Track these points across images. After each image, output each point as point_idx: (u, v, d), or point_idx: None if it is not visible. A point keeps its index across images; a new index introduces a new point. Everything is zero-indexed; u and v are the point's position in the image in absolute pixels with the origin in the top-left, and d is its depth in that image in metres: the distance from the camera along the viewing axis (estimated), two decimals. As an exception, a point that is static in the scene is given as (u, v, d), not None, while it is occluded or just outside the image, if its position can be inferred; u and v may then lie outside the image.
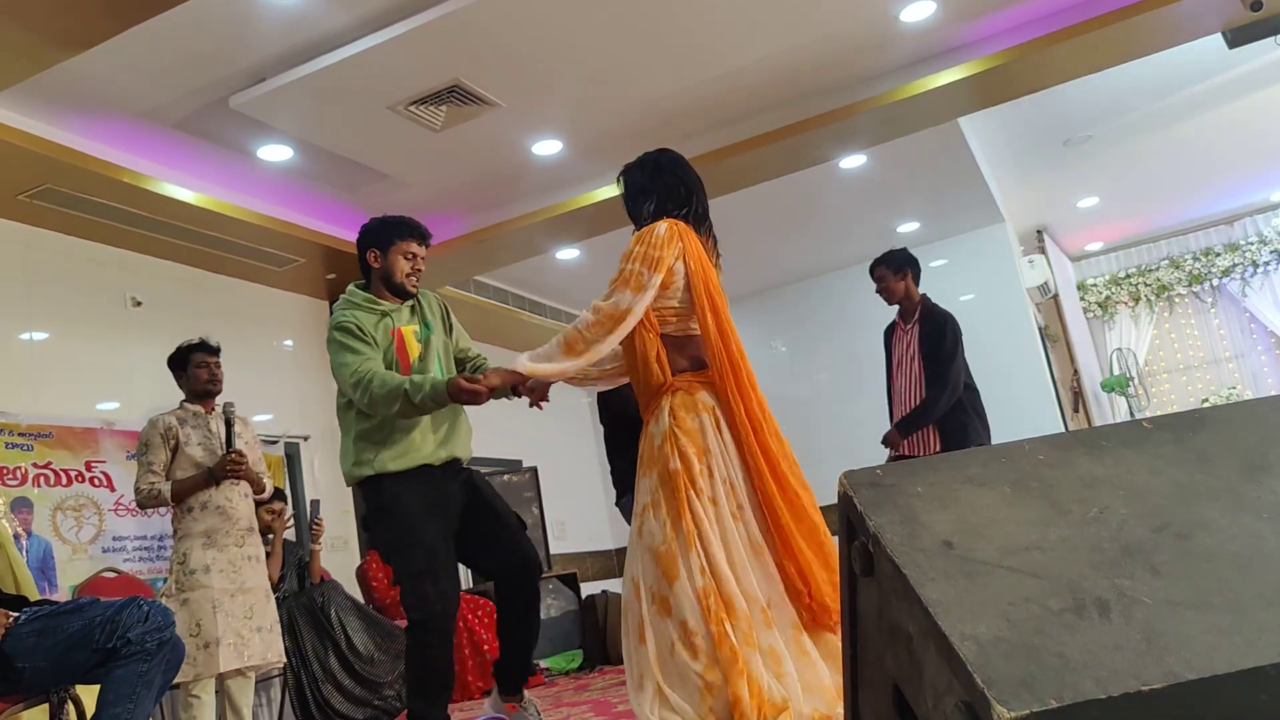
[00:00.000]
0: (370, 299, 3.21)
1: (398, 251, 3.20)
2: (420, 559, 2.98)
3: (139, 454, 3.92)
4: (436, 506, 3.04)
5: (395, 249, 3.20)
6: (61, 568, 4.89)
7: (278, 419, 6.56)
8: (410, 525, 3.00)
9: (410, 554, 3.00)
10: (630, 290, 2.60)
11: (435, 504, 3.04)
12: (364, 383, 2.95)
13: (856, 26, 5.20)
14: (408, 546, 3.01)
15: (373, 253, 3.24)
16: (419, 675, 3.02)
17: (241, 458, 3.90)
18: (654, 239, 2.66)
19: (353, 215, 6.55)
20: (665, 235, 2.67)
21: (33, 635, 2.46)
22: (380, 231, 3.24)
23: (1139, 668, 0.90)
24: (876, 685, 1.25)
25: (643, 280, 2.61)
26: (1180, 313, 10.70)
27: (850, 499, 1.20)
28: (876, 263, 4.90)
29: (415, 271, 3.23)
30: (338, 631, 5.15)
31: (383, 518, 3.07)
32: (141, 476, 3.87)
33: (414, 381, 2.89)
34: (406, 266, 3.20)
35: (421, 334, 3.20)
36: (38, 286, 5.35)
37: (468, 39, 4.69)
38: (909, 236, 8.61)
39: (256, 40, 4.58)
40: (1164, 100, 7.20)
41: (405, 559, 3.01)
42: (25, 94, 4.52)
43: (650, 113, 5.69)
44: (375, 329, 3.10)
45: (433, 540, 2.99)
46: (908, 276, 4.84)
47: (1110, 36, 5.32)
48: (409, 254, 3.21)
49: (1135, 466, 1.16)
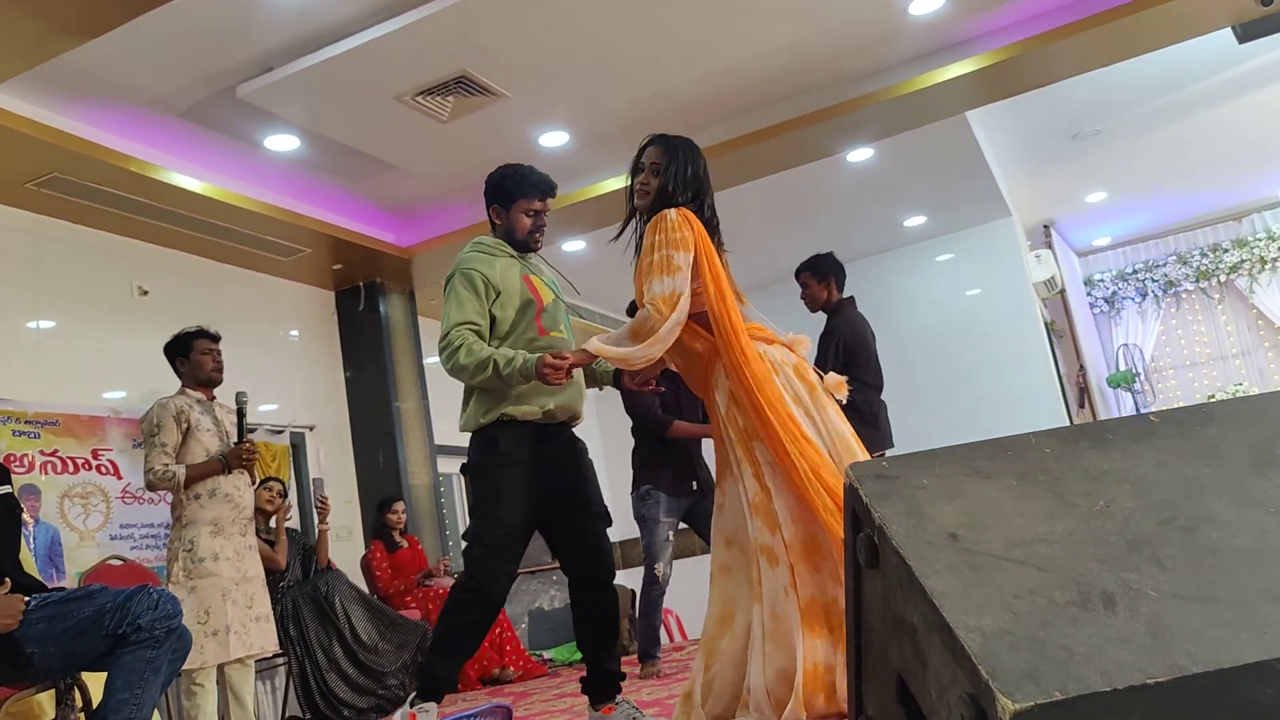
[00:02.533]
0: (499, 243, 3.08)
1: (519, 210, 3.07)
2: (497, 534, 2.91)
3: (148, 434, 3.84)
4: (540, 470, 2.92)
5: (517, 206, 3.08)
6: (69, 554, 4.91)
7: (283, 409, 6.57)
8: (498, 489, 2.92)
9: (490, 523, 2.93)
10: (667, 275, 2.64)
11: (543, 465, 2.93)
12: (455, 343, 2.85)
13: (865, 19, 5.18)
14: (490, 514, 2.94)
15: (494, 208, 3.12)
16: (447, 634, 2.94)
17: (255, 447, 3.90)
18: (669, 224, 2.71)
19: (359, 205, 6.56)
20: (678, 219, 2.72)
21: (43, 621, 2.47)
22: (501, 187, 3.10)
23: (1144, 661, 0.90)
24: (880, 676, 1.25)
25: (675, 262, 2.65)
26: (1187, 309, 10.67)
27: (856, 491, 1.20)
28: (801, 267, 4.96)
29: (539, 228, 3.10)
30: (342, 620, 5.16)
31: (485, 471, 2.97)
32: (154, 457, 3.78)
33: (505, 355, 2.80)
34: (528, 223, 3.08)
35: (551, 287, 3.11)
36: (45, 275, 5.36)
37: (475, 30, 4.68)
38: (916, 230, 8.60)
39: (264, 30, 4.57)
40: (1173, 95, 7.17)
41: (485, 526, 2.95)
42: (33, 82, 4.53)
43: (657, 105, 5.68)
44: (502, 275, 2.97)
45: (513, 517, 2.90)
46: (831, 284, 4.90)
47: (1120, 30, 5.29)
48: (530, 211, 3.08)
49: (1142, 460, 1.16)
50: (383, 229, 6.83)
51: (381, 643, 5.24)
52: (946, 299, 8.73)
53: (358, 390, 7.21)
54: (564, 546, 3.10)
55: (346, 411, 7.19)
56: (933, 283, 8.81)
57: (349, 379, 7.25)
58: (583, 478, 3.07)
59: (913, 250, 8.85)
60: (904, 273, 8.77)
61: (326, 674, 5.02)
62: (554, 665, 6.54)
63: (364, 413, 7.16)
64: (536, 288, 3.02)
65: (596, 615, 3.05)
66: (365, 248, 6.65)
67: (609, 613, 3.06)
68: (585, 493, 3.05)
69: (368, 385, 7.18)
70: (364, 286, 7.23)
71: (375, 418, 7.10)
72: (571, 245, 7.57)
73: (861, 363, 4.77)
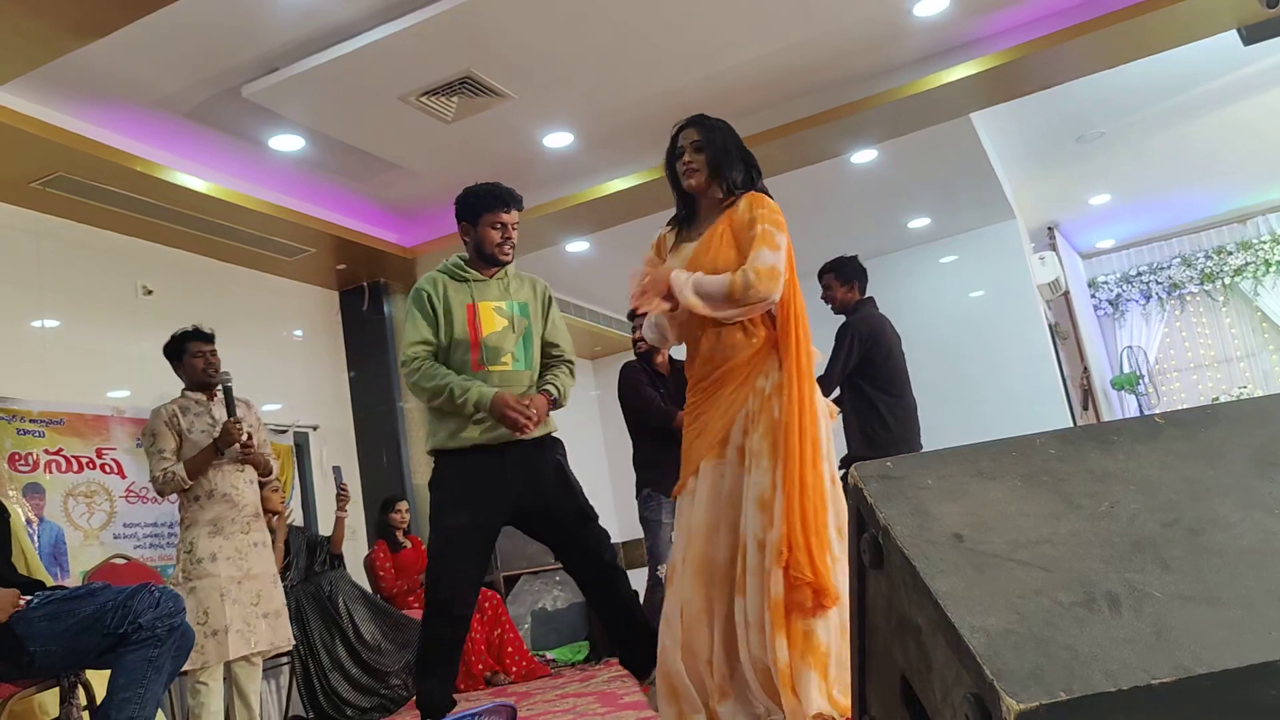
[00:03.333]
0: (459, 265, 3.24)
1: (486, 223, 3.21)
2: (438, 543, 3.08)
3: (147, 445, 3.96)
4: (475, 492, 3.07)
5: (483, 220, 3.21)
6: (73, 553, 4.92)
7: (287, 409, 6.58)
8: (440, 508, 3.11)
9: (434, 535, 3.12)
10: (772, 249, 2.65)
11: (476, 489, 3.07)
12: (412, 366, 3.08)
13: (869, 20, 5.18)
14: (433, 528, 3.13)
15: (463, 226, 3.27)
16: (421, 653, 3.13)
17: (239, 424, 3.91)
18: (771, 205, 2.74)
19: (364, 205, 6.57)
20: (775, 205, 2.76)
21: (45, 619, 2.48)
22: (466, 205, 3.25)
23: (1149, 661, 0.90)
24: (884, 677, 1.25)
25: (777, 240, 2.67)
26: (1192, 311, 10.65)
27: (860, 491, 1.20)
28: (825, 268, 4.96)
29: (506, 239, 3.23)
30: (345, 620, 5.17)
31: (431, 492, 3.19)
32: (155, 464, 3.90)
33: (461, 386, 2.99)
34: (496, 236, 3.21)
35: (508, 311, 3.20)
36: (49, 274, 5.37)
37: (480, 30, 4.69)
38: (920, 232, 8.59)
39: (269, 30, 4.58)
40: (1178, 97, 7.16)
41: (431, 538, 3.15)
42: (38, 81, 4.54)
43: (661, 105, 5.68)
44: (447, 297, 3.14)
45: (453, 527, 3.05)
46: (854, 286, 4.94)
47: (1124, 32, 5.29)
48: (497, 224, 3.21)
49: (1147, 461, 1.16)
50: (387, 229, 6.84)
51: (385, 642, 5.25)
52: (950, 301, 8.73)
53: (362, 390, 7.22)
54: (557, 550, 3.27)
55: (350, 411, 7.20)
56: (936, 284, 8.81)
57: (353, 379, 7.26)
58: (547, 484, 3.17)
59: (916, 252, 8.84)
60: (908, 274, 8.76)
61: (330, 673, 5.03)
62: (556, 666, 6.54)
63: (368, 413, 7.17)
64: (480, 318, 3.13)
65: (610, 603, 3.17)
66: (369, 248, 6.66)
67: (621, 599, 3.17)
68: (555, 497, 3.17)
69: (372, 385, 7.19)
70: (368, 287, 7.25)
71: (379, 418, 7.12)
72: (575, 246, 7.58)
73: (879, 360, 4.72)
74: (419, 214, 6.78)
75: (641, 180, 6.28)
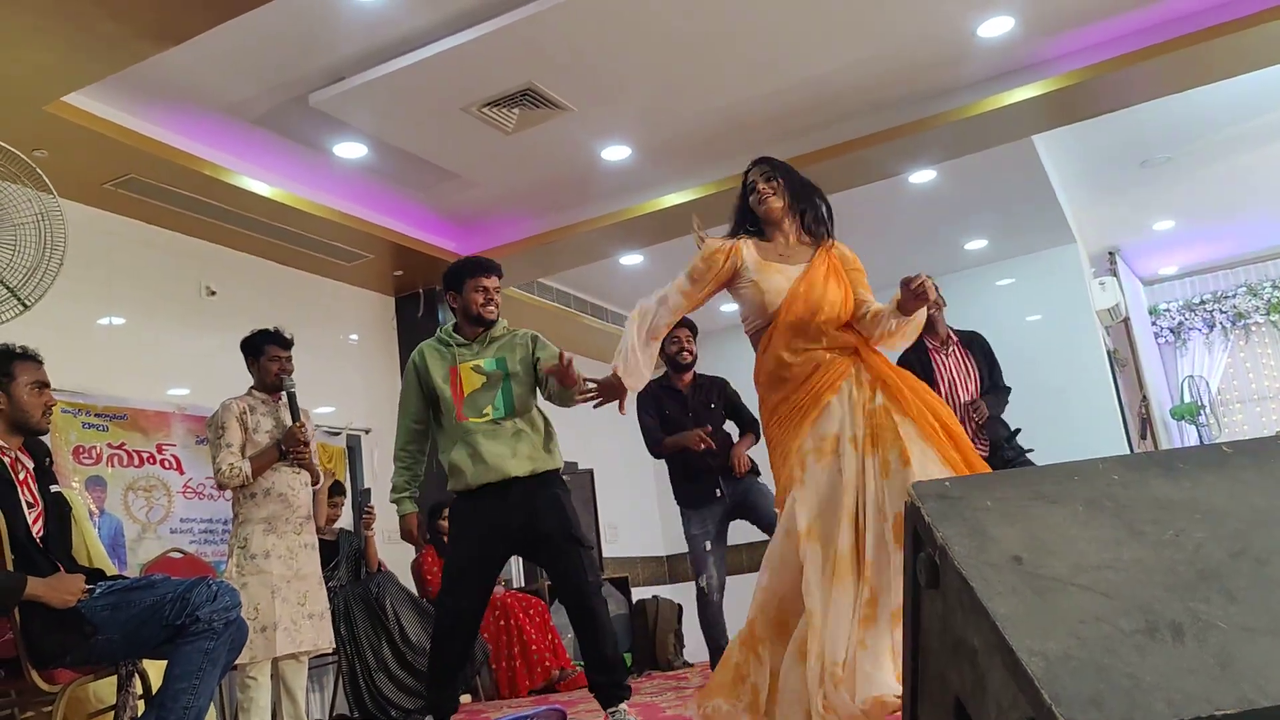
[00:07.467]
0: (447, 335, 3.61)
1: (470, 289, 3.55)
2: (449, 575, 3.52)
3: (214, 436, 3.96)
4: (474, 526, 3.45)
5: (467, 286, 3.55)
6: (131, 546, 5.03)
7: (340, 411, 6.68)
8: (454, 541, 3.55)
9: (446, 565, 3.60)
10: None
11: (476, 524, 3.45)
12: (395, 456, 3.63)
13: (933, 40, 5.16)
14: (446, 560, 3.64)
15: (450, 294, 3.62)
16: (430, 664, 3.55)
17: (304, 429, 3.97)
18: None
19: (422, 213, 6.66)
20: None
21: (106, 608, 2.54)
22: (453, 275, 3.61)
23: (1212, 692, 0.89)
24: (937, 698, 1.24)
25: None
26: (1256, 341, 10.40)
27: (918, 510, 1.19)
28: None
29: (490, 301, 3.56)
30: (392, 622, 5.22)
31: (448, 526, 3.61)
32: (221, 457, 3.89)
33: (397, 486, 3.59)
34: (480, 299, 3.55)
35: (488, 366, 3.51)
36: (118, 273, 5.51)
37: (542, 43, 4.74)
38: (977, 254, 8.50)
39: (337, 39, 4.68)
40: (1246, 124, 7.02)
41: (444, 568, 3.63)
42: (112, 86, 4.66)
43: (720, 121, 5.69)
44: (429, 368, 3.53)
45: (461, 559, 3.46)
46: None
47: (1192, 58, 5.21)
48: (479, 288, 3.55)
49: (1213, 490, 1.14)
50: (444, 237, 6.93)
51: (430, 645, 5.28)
52: (1007, 324, 8.57)
53: (414, 395, 7.27)
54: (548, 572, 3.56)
55: (402, 416, 7.26)
56: (993, 307, 8.69)
57: (406, 384, 7.33)
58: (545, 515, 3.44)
59: (973, 274, 8.74)
60: (964, 296, 8.63)
61: (375, 674, 5.08)
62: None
63: (419, 418, 7.22)
64: (461, 380, 3.49)
65: (584, 626, 3.41)
66: (426, 255, 6.74)
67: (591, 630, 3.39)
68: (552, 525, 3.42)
69: (424, 391, 7.24)
70: (424, 293, 7.33)
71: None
72: (629, 259, 7.61)
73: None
74: (476, 223, 6.85)
75: (698, 195, 6.29)
